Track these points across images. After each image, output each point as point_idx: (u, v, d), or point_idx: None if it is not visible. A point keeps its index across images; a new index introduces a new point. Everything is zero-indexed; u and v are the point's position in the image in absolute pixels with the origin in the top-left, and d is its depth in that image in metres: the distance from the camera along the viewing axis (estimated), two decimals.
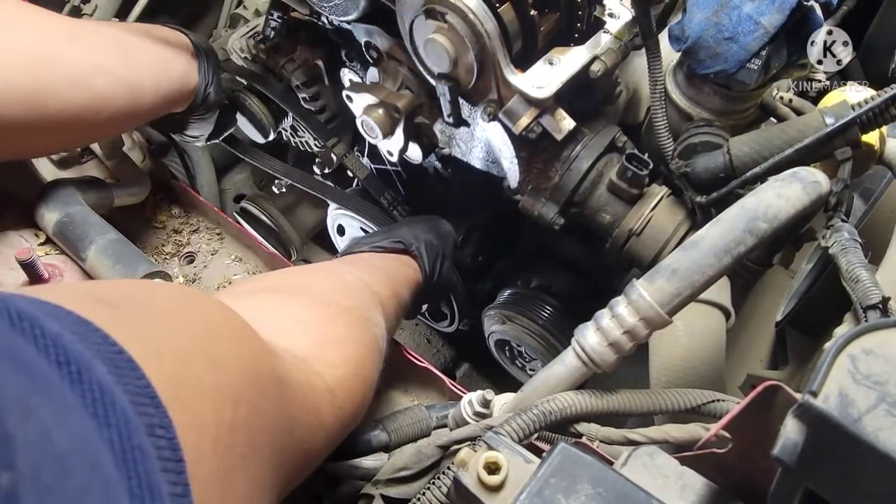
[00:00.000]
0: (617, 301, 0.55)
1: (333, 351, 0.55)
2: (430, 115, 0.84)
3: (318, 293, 0.64)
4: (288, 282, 0.67)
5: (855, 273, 0.54)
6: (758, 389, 0.37)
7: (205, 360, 0.33)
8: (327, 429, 0.50)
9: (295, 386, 0.45)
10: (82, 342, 0.25)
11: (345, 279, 0.71)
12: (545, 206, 0.80)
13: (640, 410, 0.55)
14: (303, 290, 0.64)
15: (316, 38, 0.96)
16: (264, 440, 0.36)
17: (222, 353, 0.36)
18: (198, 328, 0.36)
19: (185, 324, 0.35)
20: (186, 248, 1.01)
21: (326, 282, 0.69)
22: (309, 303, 0.61)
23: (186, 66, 0.88)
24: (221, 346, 0.36)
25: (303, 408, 0.45)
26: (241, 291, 0.63)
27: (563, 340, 0.99)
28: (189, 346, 0.33)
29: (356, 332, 0.61)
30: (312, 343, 0.54)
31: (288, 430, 0.42)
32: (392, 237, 0.87)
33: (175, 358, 0.30)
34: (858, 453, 0.30)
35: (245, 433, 0.33)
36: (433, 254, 0.88)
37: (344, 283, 0.69)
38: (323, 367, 0.52)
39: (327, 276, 0.72)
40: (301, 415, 0.45)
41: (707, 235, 0.53)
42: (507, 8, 0.67)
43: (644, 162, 0.74)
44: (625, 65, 0.86)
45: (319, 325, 0.58)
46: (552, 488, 0.38)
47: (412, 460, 0.60)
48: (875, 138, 0.69)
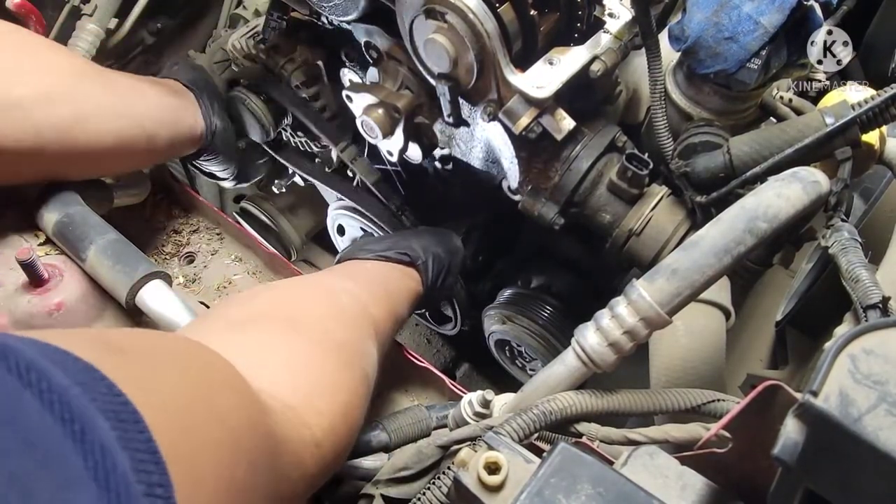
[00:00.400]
0: (617, 301, 0.55)
1: (322, 398, 0.54)
2: (430, 115, 0.84)
3: (311, 324, 0.62)
4: (280, 309, 0.64)
5: (855, 273, 0.54)
6: (758, 389, 0.37)
7: (207, 414, 0.34)
8: (309, 479, 0.50)
9: (285, 441, 0.45)
10: (87, 393, 0.25)
11: (340, 302, 0.68)
12: (545, 206, 0.80)
13: (640, 410, 0.55)
14: (295, 320, 0.62)
15: (316, 38, 0.96)
16: (258, 492, 0.37)
17: (223, 407, 0.36)
18: (201, 381, 0.37)
19: (188, 376, 0.36)
20: (186, 249, 1.01)
21: (321, 308, 0.66)
22: (300, 340, 0.59)
23: (193, 113, 0.93)
24: (223, 400, 0.37)
25: (291, 462, 0.46)
26: (231, 323, 0.60)
27: (563, 340, 0.99)
28: (192, 399, 0.33)
29: (347, 375, 0.59)
30: (302, 390, 0.53)
31: (276, 481, 0.43)
32: (399, 248, 0.85)
33: (179, 410, 0.31)
34: (859, 453, 0.30)
35: (241, 489, 0.34)
36: (438, 267, 0.86)
37: (339, 309, 0.67)
38: (312, 416, 0.51)
39: (322, 299, 0.69)
40: (289, 469, 0.45)
41: (707, 235, 0.53)
42: (507, 8, 0.67)
43: (644, 162, 0.74)
44: (625, 65, 0.86)
45: (311, 368, 0.56)
46: (552, 488, 0.38)
47: (412, 460, 0.59)
48: (875, 138, 0.69)
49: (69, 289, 0.75)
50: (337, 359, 0.59)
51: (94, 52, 1.13)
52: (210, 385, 0.38)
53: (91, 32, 1.12)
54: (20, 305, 0.72)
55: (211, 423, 0.33)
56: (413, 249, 0.85)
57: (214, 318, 0.63)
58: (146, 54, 1.37)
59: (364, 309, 0.69)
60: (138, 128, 0.82)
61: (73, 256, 0.78)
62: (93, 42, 1.13)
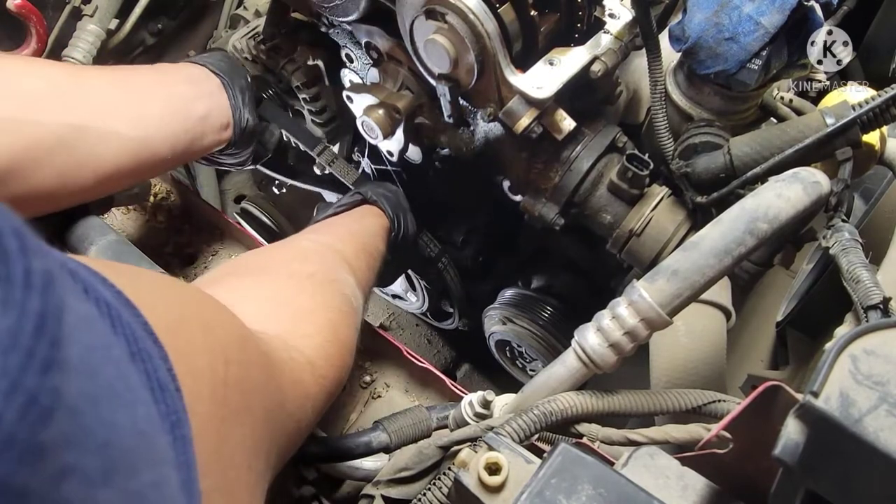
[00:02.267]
0: (617, 302, 0.54)
1: (306, 322, 0.56)
2: (431, 115, 0.84)
3: (277, 267, 0.65)
4: (246, 264, 0.68)
5: (856, 273, 0.54)
6: (759, 390, 0.37)
7: (197, 323, 0.35)
8: (313, 399, 0.52)
9: (279, 362, 0.46)
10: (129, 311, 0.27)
11: (301, 246, 0.72)
12: (545, 206, 0.80)
13: (640, 411, 0.55)
14: (261, 268, 0.64)
15: (316, 38, 0.96)
16: (257, 402, 0.38)
17: (212, 320, 0.38)
18: (188, 298, 0.38)
19: (176, 293, 0.37)
20: (187, 249, 1.01)
21: (283, 254, 0.70)
22: (270, 279, 0.61)
23: (211, 103, 0.81)
24: (210, 314, 0.38)
25: (289, 381, 0.47)
26: (204, 282, 0.63)
27: (563, 341, 0.99)
28: (182, 310, 0.34)
29: (324, 298, 0.61)
30: (284, 319, 0.55)
31: (279, 401, 0.43)
32: (350, 194, 0.89)
33: (170, 315, 0.32)
34: (859, 454, 0.30)
35: (238, 391, 0.35)
36: (392, 202, 0.88)
37: (301, 251, 0.70)
38: (299, 340, 0.53)
39: (282, 248, 0.73)
40: (288, 388, 0.46)
41: (707, 236, 0.53)
42: (508, 8, 0.67)
43: (644, 162, 0.74)
44: (625, 65, 0.86)
45: (286, 299, 0.58)
46: (553, 489, 0.38)
47: (413, 461, 0.59)
48: (875, 138, 0.69)
49: None
50: (310, 287, 0.61)
51: (94, 52, 1.13)
52: (197, 301, 0.39)
53: (92, 33, 1.12)
54: None
55: (202, 331, 0.34)
56: (361, 191, 0.88)
57: (227, 265, 0.68)
58: (147, 55, 1.37)
59: (327, 247, 0.72)
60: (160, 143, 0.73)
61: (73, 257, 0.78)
62: (93, 43, 1.13)
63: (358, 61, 0.89)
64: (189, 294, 0.40)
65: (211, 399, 0.31)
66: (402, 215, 0.90)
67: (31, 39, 1.08)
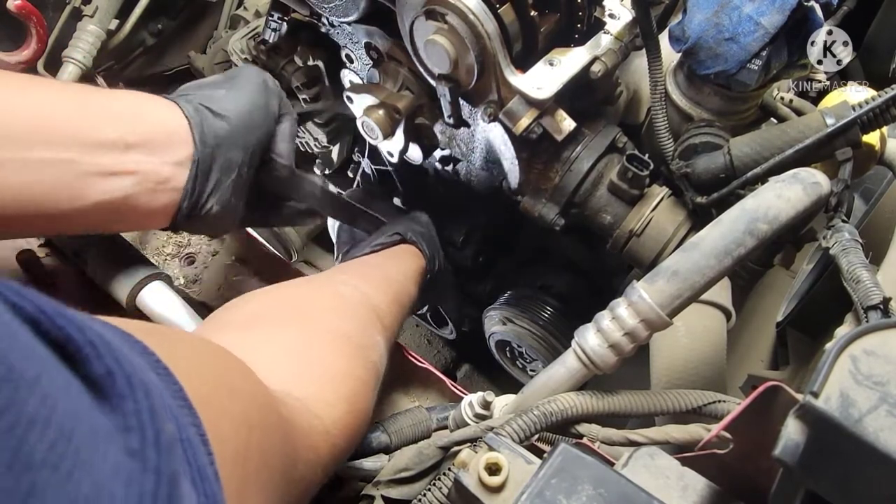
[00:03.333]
0: (617, 302, 0.54)
1: (330, 389, 0.55)
2: (431, 115, 0.84)
3: (314, 319, 0.62)
4: (283, 306, 0.63)
5: (856, 273, 0.54)
6: (759, 390, 0.37)
7: (226, 389, 0.36)
8: (324, 464, 0.52)
9: (297, 427, 0.47)
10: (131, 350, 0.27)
11: (339, 293, 0.67)
12: (546, 206, 0.80)
13: (641, 411, 0.55)
14: (298, 316, 0.62)
15: (316, 39, 0.96)
16: (275, 464, 0.39)
17: (239, 387, 0.39)
18: (219, 365, 0.39)
19: (208, 360, 0.39)
20: (187, 250, 1.01)
21: (323, 302, 0.65)
22: (305, 334, 0.59)
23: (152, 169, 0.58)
24: (238, 381, 0.39)
25: (304, 446, 0.47)
26: (236, 323, 0.59)
27: (563, 341, 0.99)
28: (214, 377, 0.36)
29: (354, 364, 0.60)
30: (311, 382, 0.54)
31: (293, 462, 0.44)
32: (387, 232, 0.86)
33: (204, 385, 0.33)
34: (859, 454, 0.30)
35: (258, 454, 0.36)
36: (427, 240, 0.87)
37: (340, 300, 0.66)
38: (321, 407, 0.53)
39: (321, 292, 0.68)
40: (303, 452, 0.47)
41: (707, 237, 0.53)
42: (508, 9, 0.67)
43: (644, 162, 0.74)
44: (625, 65, 0.86)
45: (317, 361, 0.57)
46: (553, 489, 0.38)
47: (413, 461, 0.60)
48: (875, 139, 0.69)
49: (69, 290, 0.76)
50: (342, 350, 0.59)
51: (94, 52, 1.14)
52: (225, 366, 0.40)
53: (92, 34, 1.12)
54: None
55: (229, 397, 0.35)
56: (398, 230, 0.85)
57: (216, 321, 0.62)
58: (147, 55, 1.37)
59: (365, 298, 0.69)
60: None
61: (74, 258, 0.78)
62: (93, 43, 1.13)
63: (358, 62, 0.89)
64: (220, 360, 0.41)
65: (233, 462, 0.32)
66: (437, 255, 0.88)
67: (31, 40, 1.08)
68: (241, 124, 0.64)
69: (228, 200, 0.65)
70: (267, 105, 0.68)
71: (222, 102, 0.64)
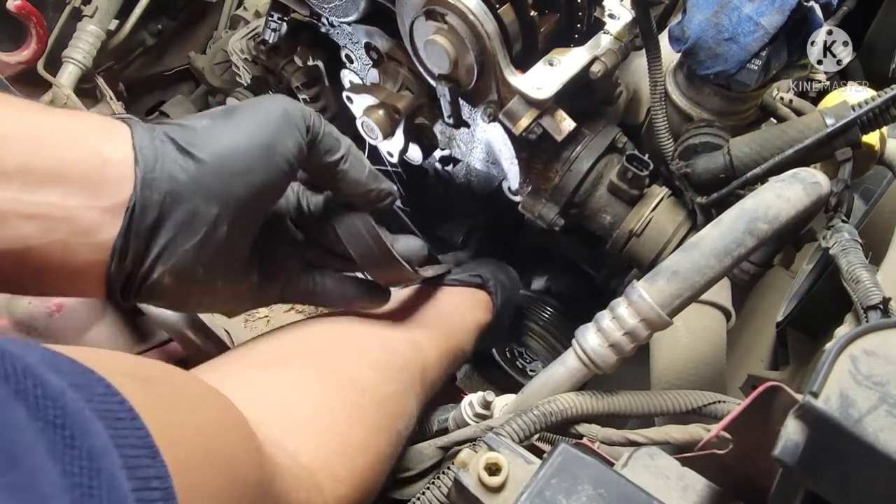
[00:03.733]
0: (617, 302, 0.54)
1: (343, 462, 0.49)
2: (431, 116, 0.84)
3: (349, 372, 0.55)
4: (317, 349, 0.56)
5: (855, 273, 0.54)
6: (758, 390, 0.37)
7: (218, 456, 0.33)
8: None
9: (289, 498, 0.42)
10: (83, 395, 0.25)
11: (392, 349, 0.60)
12: (545, 206, 0.80)
13: (640, 412, 0.55)
14: (331, 365, 0.54)
15: (316, 39, 0.96)
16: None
17: (235, 455, 0.35)
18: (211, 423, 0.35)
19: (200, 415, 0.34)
20: None
21: (364, 353, 0.58)
22: (333, 390, 0.52)
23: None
24: (234, 449, 0.35)
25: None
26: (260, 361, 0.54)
27: (563, 341, 0.99)
28: (201, 439, 0.32)
29: (376, 438, 0.53)
30: (323, 450, 0.48)
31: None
32: (469, 271, 0.79)
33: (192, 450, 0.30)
34: (859, 454, 0.30)
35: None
36: (505, 295, 0.80)
37: (388, 357, 0.59)
38: (326, 480, 0.47)
39: (370, 343, 0.60)
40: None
41: (707, 237, 0.53)
42: (507, 9, 0.67)
43: (644, 163, 0.74)
44: (625, 65, 0.86)
45: (337, 426, 0.50)
46: (553, 489, 0.38)
47: (413, 461, 0.60)
48: (875, 139, 0.69)
49: None
50: (370, 418, 0.53)
51: (94, 53, 1.14)
52: (220, 430, 0.35)
53: (92, 34, 1.12)
54: (20, 307, 0.72)
55: (216, 467, 0.32)
56: (482, 273, 0.79)
57: (244, 352, 0.56)
58: (147, 55, 1.37)
59: (416, 353, 0.62)
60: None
61: None
62: (93, 43, 1.13)
63: (358, 62, 0.89)
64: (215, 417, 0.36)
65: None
66: (507, 314, 0.80)
67: (31, 40, 1.08)
68: (218, 167, 0.44)
69: (191, 271, 0.46)
70: (274, 143, 0.47)
71: (197, 135, 0.45)
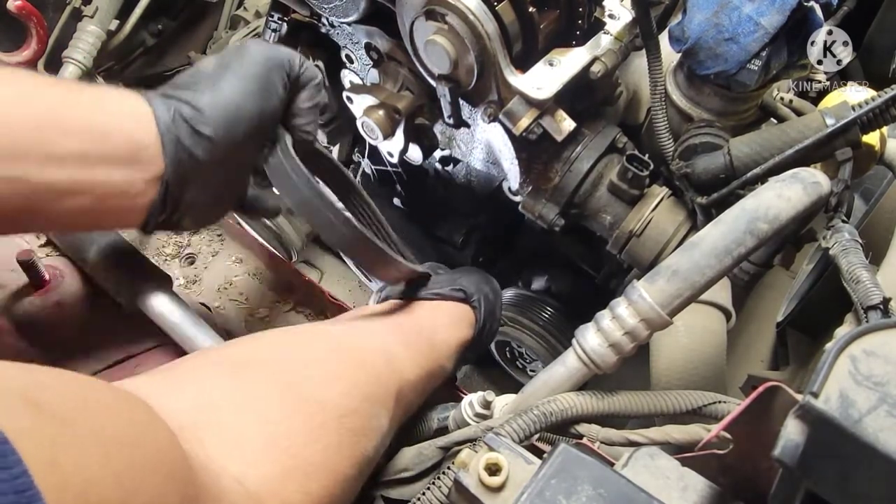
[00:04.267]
0: (617, 302, 0.55)
1: (297, 485, 0.44)
2: (431, 116, 0.84)
3: (316, 386, 0.51)
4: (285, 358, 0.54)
5: (856, 273, 0.54)
6: (759, 390, 0.37)
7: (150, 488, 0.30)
8: None
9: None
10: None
11: (364, 362, 0.57)
12: (545, 206, 0.80)
13: (640, 412, 0.55)
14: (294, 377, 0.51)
15: (316, 39, 0.96)
16: None
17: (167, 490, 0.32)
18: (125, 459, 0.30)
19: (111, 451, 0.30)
20: (187, 250, 1.01)
21: (335, 367, 0.55)
22: (295, 405, 0.48)
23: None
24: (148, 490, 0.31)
25: None
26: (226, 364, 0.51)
27: (563, 341, 0.99)
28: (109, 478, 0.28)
29: (338, 457, 0.48)
30: (276, 473, 0.44)
31: None
32: (451, 284, 0.75)
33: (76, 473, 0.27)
34: (859, 454, 0.30)
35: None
36: (489, 308, 0.77)
37: (359, 372, 0.55)
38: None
39: (342, 357, 0.57)
40: None
41: (707, 236, 0.53)
42: (506, 6, 0.67)
43: (644, 163, 0.74)
44: (625, 65, 0.86)
45: (296, 445, 0.46)
46: (553, 489, 0.38)
47: (413, 462, 0.59)
48: (875, 139, 0.69)
49: (70, 290, 0.76)
50: (330, 435, 0.49)
51: (94, 53, 1.14)
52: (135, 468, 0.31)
53: (92, 34, 1.12)
54: (21, 307, 0.72)
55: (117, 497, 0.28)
56: (465, 286, 0.76)
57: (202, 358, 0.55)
58: (147, 55, 1.37)
59: (391, 369, 0.59)
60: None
61: (75, 258, 0.78)
62: (94, 44, 1.13)
63: (358, 62, 0.89)
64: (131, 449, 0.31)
65: None
66: (490, 325, 0.77)
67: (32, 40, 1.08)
68: (225, 138, 0.55)
69: (205, 212, 0.62)
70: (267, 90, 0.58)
71: (203, 115, 0.54)
